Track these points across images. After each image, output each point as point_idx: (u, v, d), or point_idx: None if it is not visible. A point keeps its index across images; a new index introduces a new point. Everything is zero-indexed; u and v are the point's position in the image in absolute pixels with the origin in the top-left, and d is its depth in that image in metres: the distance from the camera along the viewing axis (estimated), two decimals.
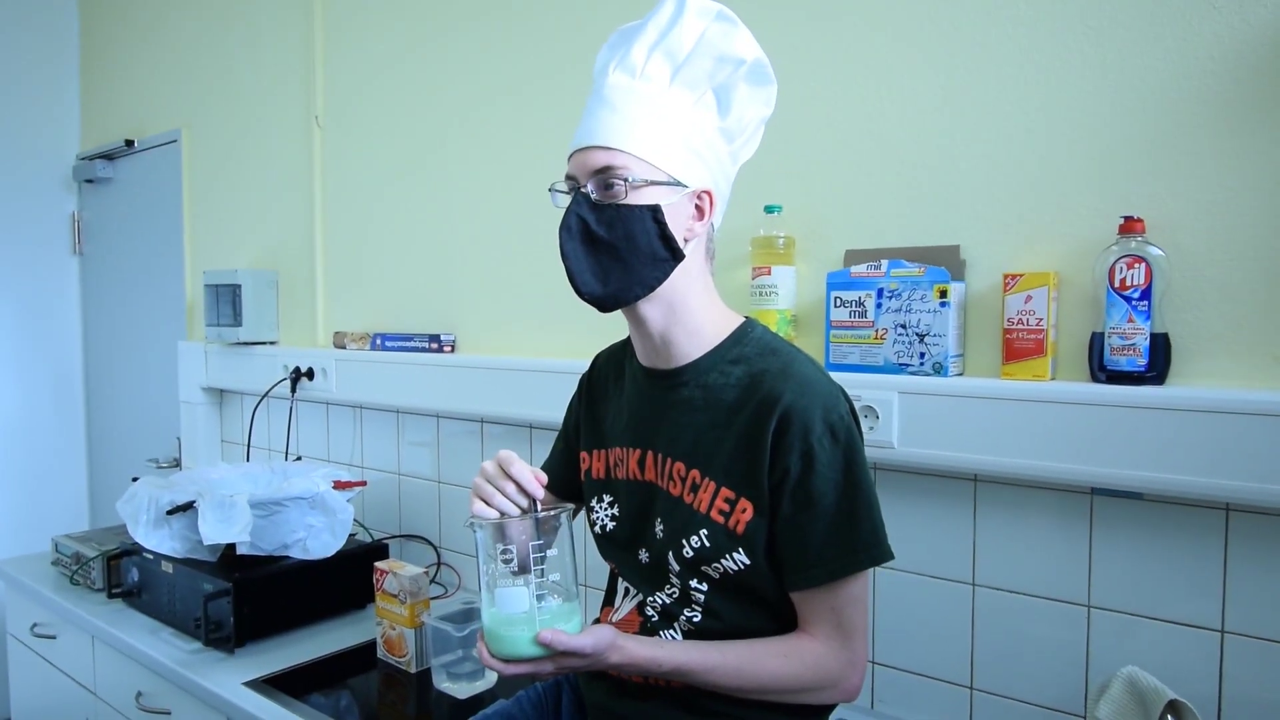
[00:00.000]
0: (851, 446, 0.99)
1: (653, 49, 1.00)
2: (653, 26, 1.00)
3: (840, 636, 1.00)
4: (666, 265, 1.01)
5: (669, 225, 0.99)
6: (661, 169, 0.98)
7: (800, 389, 0.98)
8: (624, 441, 1.13)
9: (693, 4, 1.00)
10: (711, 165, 1.03)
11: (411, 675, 1.61)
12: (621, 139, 0.98)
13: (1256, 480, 1.03)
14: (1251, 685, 1.10)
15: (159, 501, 1.72)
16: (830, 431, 0.97)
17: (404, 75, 2.15)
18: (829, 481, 0.97)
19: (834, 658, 1.00)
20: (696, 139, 1.01)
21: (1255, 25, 1.08)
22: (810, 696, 1.02)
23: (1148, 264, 1.12)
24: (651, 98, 0.99)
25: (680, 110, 1.00)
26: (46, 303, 3.28)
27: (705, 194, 1.02)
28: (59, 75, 3.28)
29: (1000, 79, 1.27)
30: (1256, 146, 1.08)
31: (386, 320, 2.22)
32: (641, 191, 0.98)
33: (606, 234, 0.99)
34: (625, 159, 0.97)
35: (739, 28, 1.01)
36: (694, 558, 1.03)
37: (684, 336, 1.05)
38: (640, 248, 0.99)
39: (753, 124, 1.07)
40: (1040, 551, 1.25)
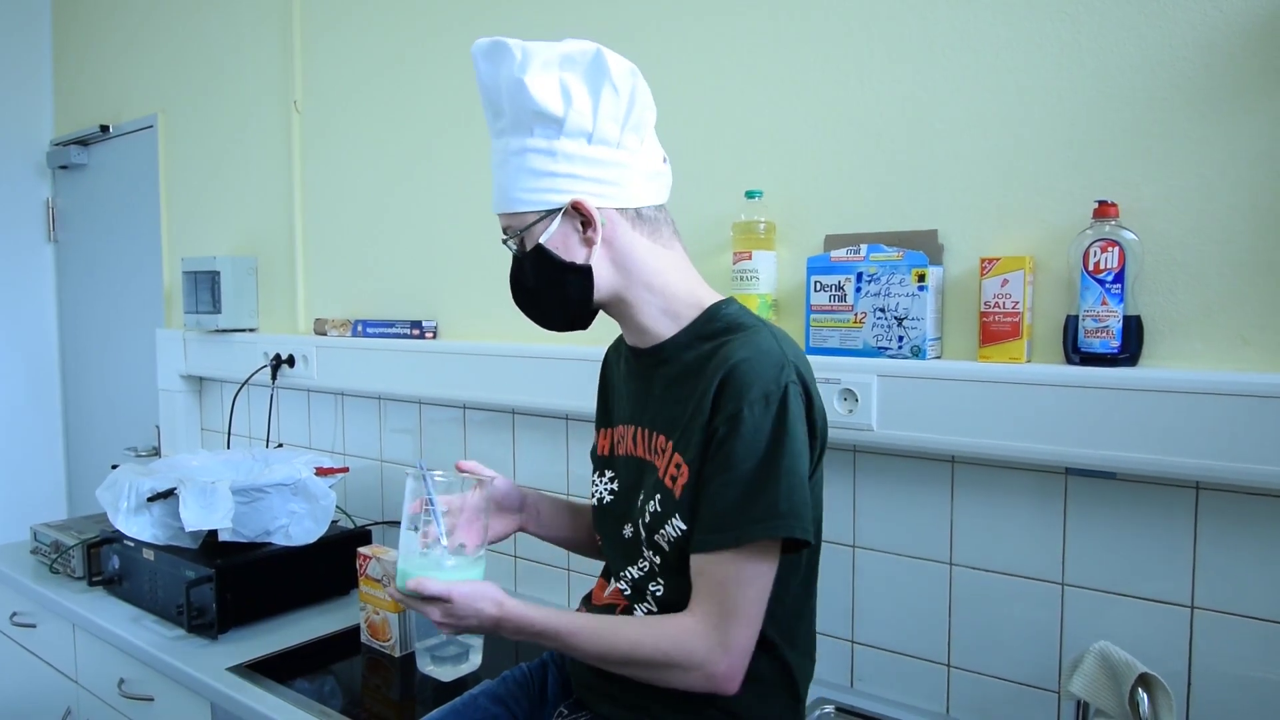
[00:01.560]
0: (783, 421, 0.97)
1: (485, 109, 1.10)
2: (479, 86, 1.09)
3: (717, 616, 0.97)
4: (582, 281, 1.07)
5: (558, 252, 1.06)
6: (526, 213, 1.07)
7: (751, 354, 0.99)
8: (624, 419, 1.17)
9: (476, 51, 1.07)
10: (571, 171, 1.05)
11: (396, 659, 1.62)
12: (498, 205, 1.10)
13: (1226, 459, 1.05)
14: (1219, 659, 1.13)
15: (139, 488, 1.71)
16: (764, 399, 0.97)
17: (384, 60, 2.14)
18: (749, 448, 0.96)
19: (702, 637, 0.97)
20: (543, 163, 1.05)
21: (1229, 13, 1.10)
22: (673, 675, 0.98)
23: (1121, 248, 1.14)
24: (503, 152, 1.08)
25: (520, 149, 1.06)
26: (21, 290, 3.24)
27: (574, 205, 1.05)
28: (31, 59, 3.23)
29: (977, 65, 1.29)
30: (1229, 134, 1.10)
31: (367, 307, 2.22)
32: (526, 239, 1.08)
33: (530, 281, 1.10)
34: (506, 219, 1.09)
35: (512, 52, 1.04)
36: (649, 524, 1.06)
37: (654, 318, 1.10)
38: (551, 280, 1.08)
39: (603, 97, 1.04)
40: (1016, 531, 1.28)
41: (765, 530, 0.96)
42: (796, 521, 0.96)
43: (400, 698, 1.52)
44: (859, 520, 1.42)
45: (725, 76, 1.55)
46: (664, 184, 1.13)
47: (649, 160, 1.10)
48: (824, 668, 1.45)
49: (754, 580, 0.97)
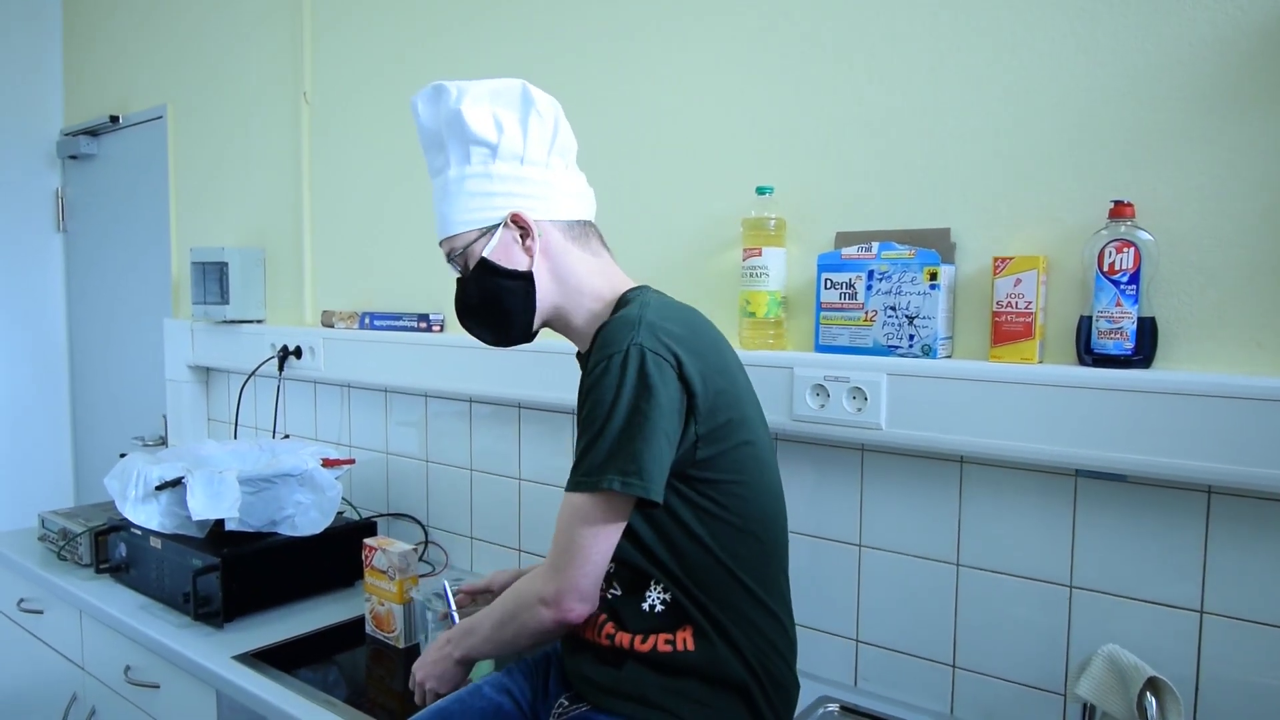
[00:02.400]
0: (620, 382, 1.01)
1: (425, 150, 1.21)
2: (418, 135, 1.21)
3: (554, 556, 1.06)
4: (525, 289, 1.16)
5: (500, 262, 1.15)
6: (466, 232, 1.16)
7: (611, 326, 1.07)
8: None
9: (418, 99, 1.19)
10: (505, 189, 1.16)
11: (400, 650, 1.62)
12: (442, 230, 1.19)
13: (1239, 463, 1.04)
14: (1228, 664, 1.12)
15: (147, 477, 1.71)
16: (608, 359, 1.02)
17: (393, 51, 2.13)
18: (592, 405, 1.03)
19: (541, 577, 1.08)
20: (479, 185, 1.16)
21: (1247, 11, 1.09)
22: (530, 614, 1.08)
23: (1137, 248, 1.13)
24: (444, 183, 1.18)
25: (461, 176, 1.16)
26: (30, 280, 3.24)
27: (512, 217, 1.15)
28: (41, 49, 3.24)
29: (992, 62, 1.28)
30: (1245, 134, 1.09)
31: (375, 299, 2.22)
32: (468, 256, 1.17)
33: (475, 299, 1.19)
34: (450, 243, 1.18)
35: (446, 90, 1.16)
36: None
37: (583, 323, 1.19)
38: (498, 291, 1.16)
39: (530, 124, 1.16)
40: (1024, 532, 1.27)
41: (585, 483, 1.02)
42: (615, 477, 1.00)
43: (404, 688, 1.51)
44: (865, 519, 1.42)
45: (736, 73, 1.54)
46: (589, 202, 1.24)
47: (574, 182, 1.22)
48: (828, 666, 1.45)
49: (582, 525, 1.03)
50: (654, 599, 1.10)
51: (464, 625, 1.21)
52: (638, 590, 1.11)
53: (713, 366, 1.07)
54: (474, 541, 2.01)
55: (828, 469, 1.45)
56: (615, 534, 1.05)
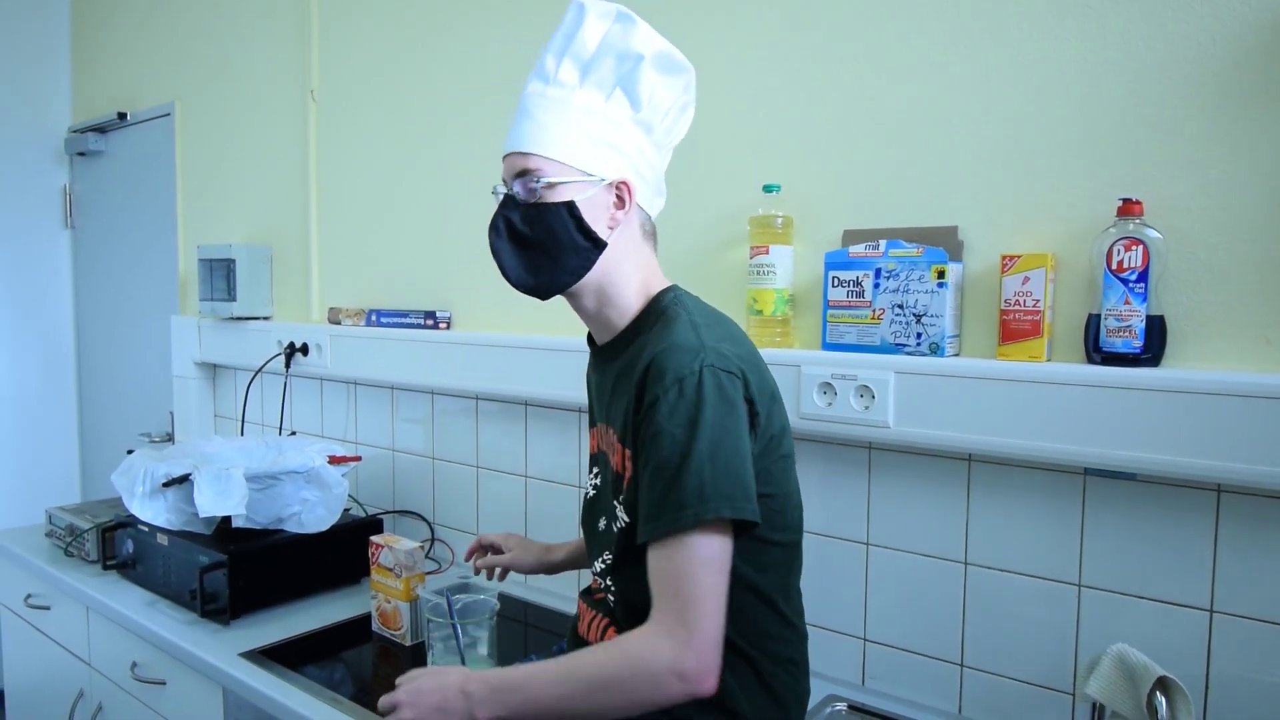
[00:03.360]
0: (698, 403, 0.95)
1: (561, 55, 1.08)
2: (560, 34, 1.09)
3: (674, 611, 0.93)
4: (589, 254, 1.08)
5: (586, 218, 1.06)
6: (574, 166, 1.06)
7: (667, 345, 1.01)
8: (599, 417, 1.20)
9: (592, 8, 1.07)
10: (630, 155, 1.09)
11: (406, 648, 1.62)
12: (534, 143, 1.06)
13: (1248, 462, 1.04)
14: (1238, 663, 1.12)
15: (155, 474, 1.72)
16: (679, 384, 0.96)
17: (401, 50, 2.13)
18: (666, 434, 0.96)
19: (664, 636, 0.92)
20: (610, 134, 1.08)
21: (1255, 8, 1.08)
22: (646, 688, 0.92)
23: (1145, 246, 1.13)
24: (563, 101, 1.07)
25: (591, 109, 1.07)
26: (38, 276, 3.25)
27: (623, 184, 1.09)
28: (50, 46, 3.24)
29: (999, 60, 1.27)
30: (1254, 131, 1.09)
31: (382, 296, 2.22)
32: (556, 189, 1.06)
33: (530, 231, 1.07)
34: (539, 161, 1.06)
35: (637, 25, 1.07)
36: (611, 516, 1.09)
37: (615, 314, 1.13)
38: (562, 241, 1.07)
39: (672, 111, 1.12)
40: (1032, 531, 1.27)
41: (694, 515, 0.93)
42: (724, 502, 0.93)
43: None
44: (873, 518, 1.41)
45: (743, 70, 1.54)
46: (662, 202, 1.19)
47: (662, 179, 1.17)
48: (836, 665, 1.44)
49: (702, 566, 0.94)
50: None
51: (499, 678, 1.00)
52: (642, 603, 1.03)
53: (765, 380, 1.06)
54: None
55: (835, 467, 1.44)
56: (729, 569, 0.96)
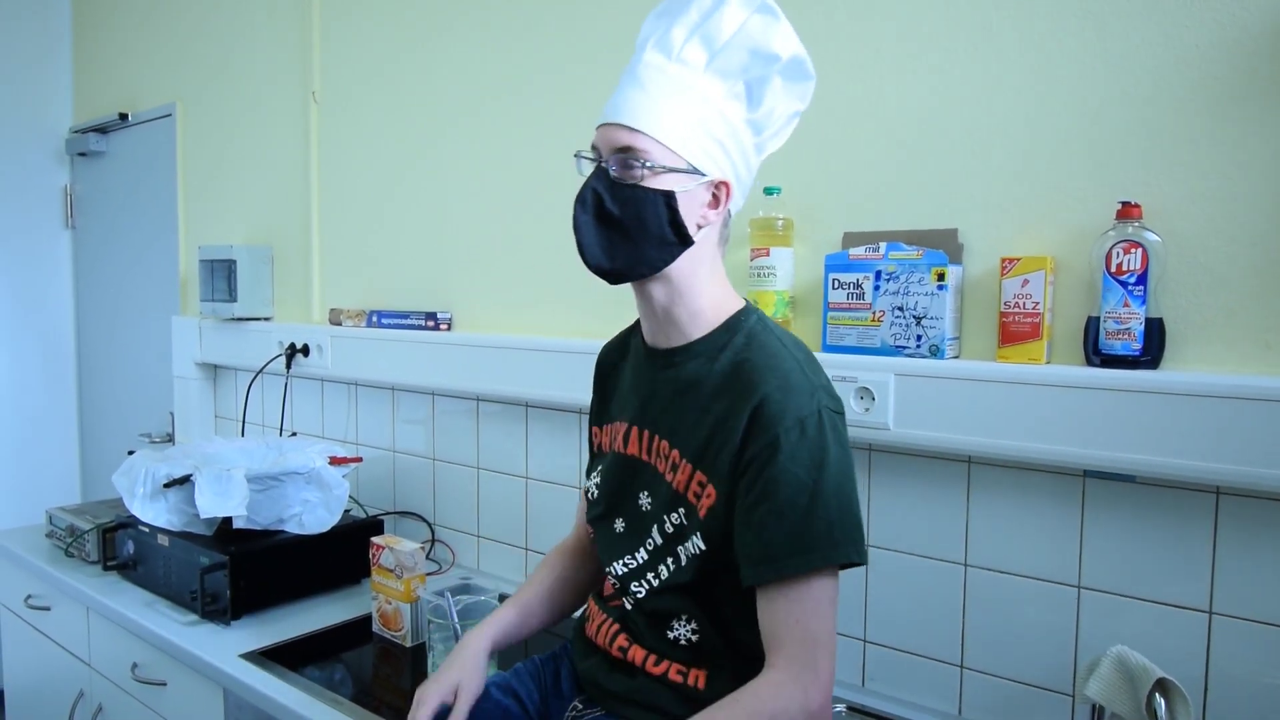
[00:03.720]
0: (822, 445, 0.96)
1: (692, 32, 1.00)
2: (695, 9, 1.00)
3: (801, 656, 0.95)
4: (674, 249, 1.02)
5: (681, 212, 1.00)
6: (682, 156, 0.99)
7: (780, 382, 0.98)
8: (622, 416, 1.16)
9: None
10: (734, 155, 1.03)
11: (407, 649, 1.63)
12: (646, 122, 0.98)
13: (1247, 464, 1.04)
14: (1237, 665, 1.12)
15: (156, 474, 1.72)
16: (800, 425, 0.96)
17: (402, 52, 2.14)
18: (790, 475, 0.95)
19: (794, 683, 0.95)
20: (721, 128, 1.01)
21: (1254, 12, 1.08)
22: None
23: (1144, 249, 1.13)
24: (683, 82, 1.00)
25: (709, 98, 1.00)
26: (38, 276, 3.25)
27: (722, 184, 1.03)
28: (51, 46, 3.25)
29: (1000, 63, 1.27)
30: (1253, 134, 1.09)
31: (383, 297, 2.22)
32: (659, 177, 0.99)
33: (619, 212, 1.00)
34: (647, 142, 0.98)
35: (780, 22, 1.01)
36: (673, 534, 1.05)
37: (686, 317, 1.07)
38: (650, 230, 1.00)
39: (783, 118, 1.07)
40: (1032, 533, 1.27)
41: (823, 558, 0.95)
42: (852, 546, 0.96)
43: (411, 687, 1.51)
44: (873, 519, 1.41)
45: None
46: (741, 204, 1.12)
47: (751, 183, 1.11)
48: (836, 666, 1.44)
49: (827, 607, 0.97)
50: (681, 632, 1.06)
51: None
52: (664, 617, 1.07)
53: None
54: (480, 540, 2.02)
55: None
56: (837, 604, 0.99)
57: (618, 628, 1.13)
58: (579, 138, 1.77)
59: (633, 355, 1.18)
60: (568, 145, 1.79)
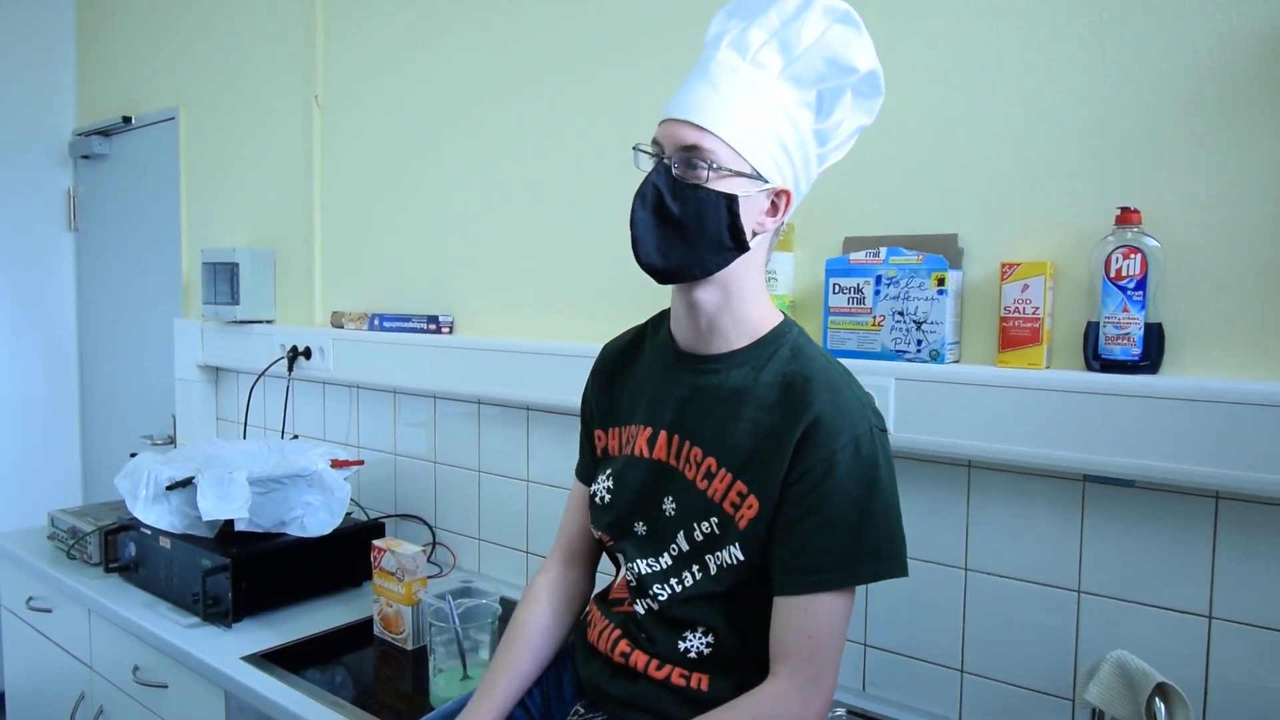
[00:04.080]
0: (874, 464, 0.98)
1: (771, 36, 0.99)
2: (775, 13, 0.99)
3: (807, 668, 0.96)
4: (729, 254, 1.01)
5: (741, 216, 0.99)
6: (747, 160, 0.98)
7: (832, 398, 0.99)
8: (638, 419, 1.13)
9: (820, 1, 0.99)
10: (798, 164, 1.02)
11: (408, 652, 1.63)
12: (717, 122, 0.97)
13: (1246, 469, 1.04)
14: (1237, 669, 1.12)
15: (158, 477, 1.72)
16: (855, 443, 0.97)
17: (405, 55, 2.15)
18: (843, 491, 0.96)
19: (797, 694, 0.96)
20: (790, 136, 1.00)
21: (1253, 20, 1.09)
22: None
23: (1144, 255, 1.14)
24: (756, 85, 0.98)
25: (781, 105, 0.99)
26: (41, 279, 3.26)
27: (784, 193, 1.02)
28: (55, 50, 3.26)
29: (1000, 70, 1.28)
30: (1252, 141, 1.10)
31: (385, 300, 2.23)
32: (724, 179, 0.98)
33: (679, 211, 0.98)
34: (715, 143, 0.97)
35: (862, 35, 1.00)
36: (703, 542, 1.05)
37: (731, 325, 1.06)
38: (709, 232, 0.99)
39: (848, 131, 1.06)
40: (1032, 537, 1.27)
41: (871, 573, 0.98)
42: (896, 561, 0.98)
43: (412, 690, 1.53)
44: None
45: None
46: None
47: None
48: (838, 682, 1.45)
49: (842, 622, 0.98)
50: (694, 644, 1.06)
51: None
52: (681, 625, 1.07)
53: None
54: (481, 543, 2.02)
55: None
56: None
57: (619, 634, 1.13)
58: (582, 142, 1.79)
59: (653, 357, 1.16)
60: (571, 149, 1.82)
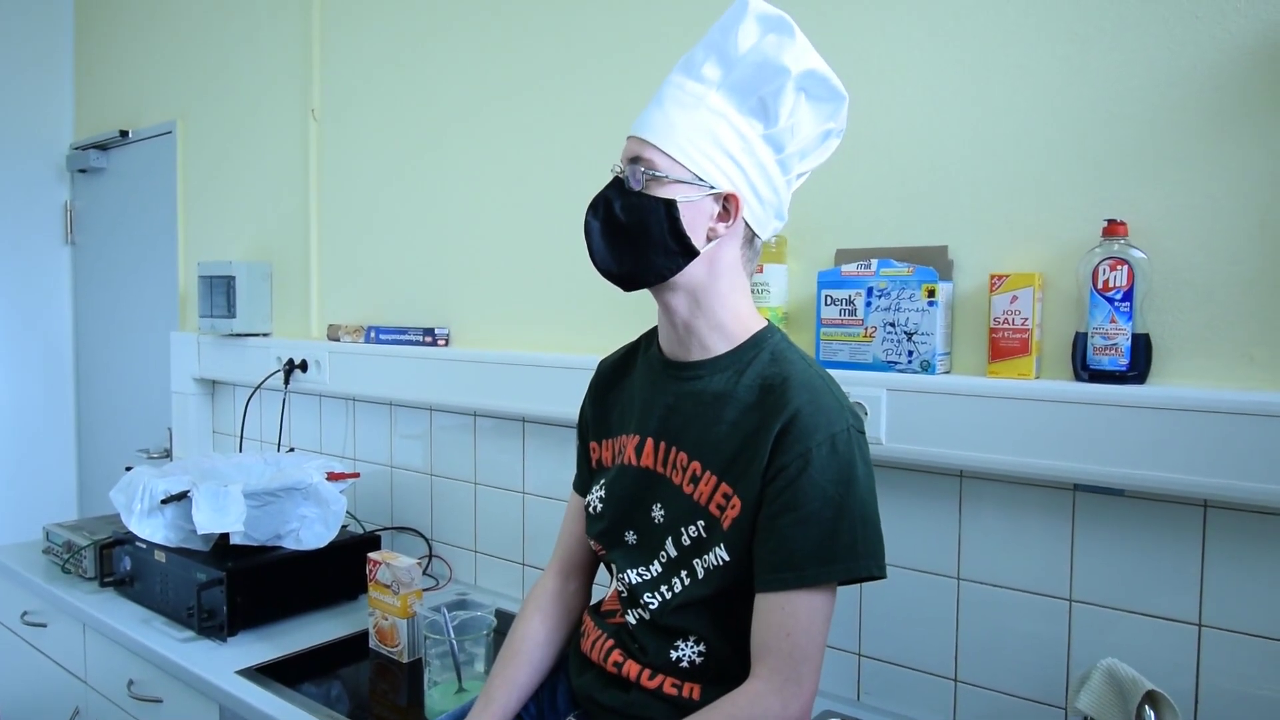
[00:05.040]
0: (850, 462, 1.00)
1: (710, 50, 1.04)
2: (718, 29, 1.04)
3: (786, 667, 0.98)
4: (678, 258, 1.04)
5: (682, 221, 1.03)
6: (686, 167, 1.02)
7: (810, 398, 1.01)
8: (629, 429, 1.16)
9: (754, 10, 1.03)
10: (749, 170, 1.05)
11: (403, 665, 1.63)
12: (655, 133, 1.03)
13: (1233, 477, 1.05)
14: (1227, 677, 1.13)
15: (153, 491, 1.72)
16: (831, 441, 0.99)
17: (400, 69, 2.16)
18: (818, 488, 0.98)
19: (775, 693, 0.97)
20: (733, 143, 1.03)
21: (1235, 35, 1.11)
22: None
23: (1130, 266, 1.15)
24: (697, 98, 1.03)
25: (722, 113, 1.03)
26: (38, 292, 3.27)
27: (731, 197, 1.05)
28: (54, 64, 3.27)
29: (989, 84, 1.30)
30: (1236, 154, 1.11)
31: (381, 313, 2.23)
32: (663, 186, 1.02)
33: (624, 218, 1.04)
34: (653, 153, 1.03)
35: (795, 38, 1.03)
36: (691, 546, 1.06)
37: (706, 330, 1.08)
38: (652, 237, 1.03)
39: (813, 137, 1.08)
40: (1024, 546, 1.28)
41: (847, 570, 0.99)
42: (873, 559, 1.00)
43: (407, 703, 1.53)
44: None
45: None
46: (778, 228, 1.15)
47: (786, 202, 1.12)
48: (830, 680, 1.45)
49: (821, 620, 0.99)
50: (686, 652, 1.07)
51: None
52: (672, 634, 1.08)
53: None
54: (478, 555, 2.02)
55: None
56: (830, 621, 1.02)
57: (611, 644, 1.14)
58: (576, 155, 1.81)
59: (643, 368, 1.18)
60: (565, 162, 1.83)
